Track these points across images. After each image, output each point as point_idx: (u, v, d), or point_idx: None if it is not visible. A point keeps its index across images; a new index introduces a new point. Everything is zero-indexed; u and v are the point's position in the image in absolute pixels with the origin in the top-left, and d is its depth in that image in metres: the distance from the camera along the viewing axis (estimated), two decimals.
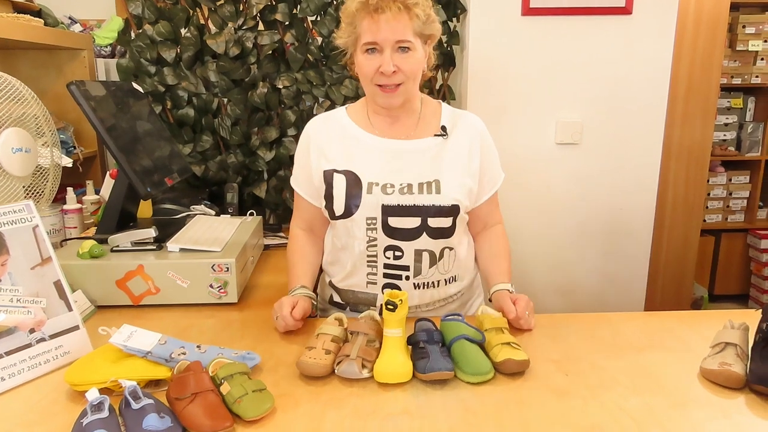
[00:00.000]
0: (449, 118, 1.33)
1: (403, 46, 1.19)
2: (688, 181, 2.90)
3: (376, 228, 1.25)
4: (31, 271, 1.05)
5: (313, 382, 1.00)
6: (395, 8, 1.16)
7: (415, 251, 1.26)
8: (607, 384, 0.99)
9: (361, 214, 1.24)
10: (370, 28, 1.18)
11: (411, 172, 1.26)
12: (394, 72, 1.19)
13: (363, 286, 1.31)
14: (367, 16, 1.18)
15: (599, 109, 2.06)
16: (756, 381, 0.95)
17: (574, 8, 1.96)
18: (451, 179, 1.26)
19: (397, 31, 1.17)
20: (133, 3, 2.01)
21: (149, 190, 1.42)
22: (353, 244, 1.28)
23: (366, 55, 1.21)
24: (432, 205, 1.24)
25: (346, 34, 1.24)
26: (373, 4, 1.17)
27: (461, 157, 1.29)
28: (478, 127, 1.33)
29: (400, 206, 1.24)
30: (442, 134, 1.30)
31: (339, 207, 1.26)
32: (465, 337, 1.05)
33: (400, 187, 1.24)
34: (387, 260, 1.27)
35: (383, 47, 1.18)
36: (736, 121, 3.37)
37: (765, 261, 3.34)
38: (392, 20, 1.16)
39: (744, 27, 3.16)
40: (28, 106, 1.38)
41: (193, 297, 1.33)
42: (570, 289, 2.19)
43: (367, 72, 1.21)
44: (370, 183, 1.25)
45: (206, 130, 2.13)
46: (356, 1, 1.19)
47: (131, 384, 0.88)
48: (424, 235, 1.25)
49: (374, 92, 1.24)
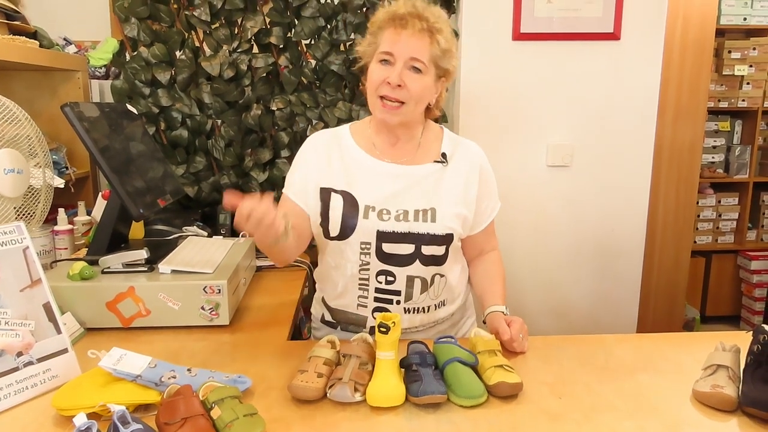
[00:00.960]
0: (450, 145, 1.34)
1: (415, 66, 1.20)
2: (678, 202, 2.93)
3: (370, 253, 1.25)
4: (20, 293, 1.03)
5: (305, 405, 0.99)
6: (419, 26, 1.19)
7: (407, 277, 1.26)
8: (601, 407, 0.99)
9: (356, 237, 1.24)
10: (390, 38, 1.20)
11: (408, 198, 1.26)
12: (399, 86, 1.19)
13: (354, 307, 1.30)
14: (391, 28, 1.20)
15: (589, 132, 2.08)
16: (748, 403, 0.95)
17: (564, 34, 2.00)
18: (446, 208, 1.27)
19: (414, 48, 1.19)
20: (129, 25, 2.03)
21: (141, 211, 1.42)
22: (345, 266, 1.28)
23: (378, 64, 1.22)
24: (426, 233, 1.24)
25: (367, 42, 1.26)
26: (399, 16, 1.19)
27: (458, 185, 1.30)
28: (478, 157, 1.35)
29: (395, 233, 1.23)
30: (442, 161, 1.30)
31: (335, 228, 1.26)
32: (458, 359, 1.05)
33: (396, 214, 1.24)
34: (379, 284, 1.27)
35: (396, 60, 1.19)
36: (723, 143, 3.42)
37: (755, 282, 3.36)
38: (413, 37, 1.19)
39: (730, 52, 3.23)
40: (22, 127, 1.38)
41: (184, 319, 1.32)
42: (563, 311, 2.19)
43: (374, 80, 1.22)
44: (367, 206, 1.25)
45: (200, 152, 2.14)
46: (385, 12, 1.22)
47: (120, 408, 0.86)
48: (417, 262, 1.25)
49: (375, 104, 1.24)
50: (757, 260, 3.36)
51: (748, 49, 3.24)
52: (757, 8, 3.22)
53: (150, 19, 2.04)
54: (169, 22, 2.05)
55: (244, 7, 2.05)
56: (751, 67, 3.27)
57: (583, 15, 1.99)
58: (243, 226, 1.03)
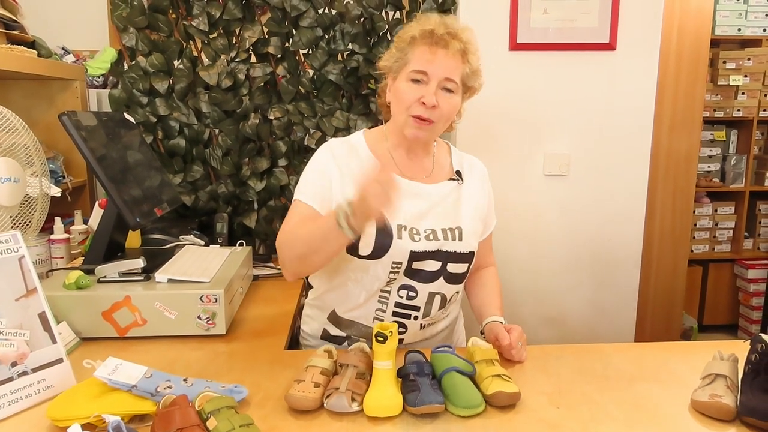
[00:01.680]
0: (459, 161, 1.34)
1: (448, 87, 1.19)
2: (675, 211, 2.94)
3: (399, 270, 1.22)
4: (15, 303, 1.03)
5: (302, 416, 0.98)
6: (456, 47, 1.18)
7: (429, 293, 1.25)
8: (599, 417, 0.99)
9: (389, 257, 1.20)
10: (425, 56, 1.18)
11: (433, 217, 1.25)
12: (433, 106, 1.18)
13: (368, 319, 1.28)
14: (425, 46, 1.18)
15: (586, 142, 2.09)
16: (747, 413, 0.95)
17: (560, 44, 2.01)
18: (470, 226, 1.27)
19: (449, 69, 1.18)
20: (127, 35, 2.04)
21: (138, 220, 1.41)
22: (371, 282, 1.24)
23: (410, 83, 1.19)
24: (455, 252, 1.24)
25: (394, 58, 1.24)
26: (438, 35, 1.17)
27: (474, 203, 1.31)
28: (483, 173, 1.37)
29: (426, 252, 1.21)
30: (457, 179, 1.31)
31: (366, 247, 1.20)
32: (455, 369, 1.04)
33: (425, 234, 1.23)
34: (399, 299, 1.24)
35: (431, 79, 1.18)
36: (719, 153, 3.44)
37: (752, 291, 3.36)
38: (449, 57, 1.18)
39: (725, 62, 3.25)
40: (19, 135, 1.38)
41: (181, 328, 1.31)
42: (560, 320, 2.19)
43: (406, 99, 1.20)
44: (399, 226, 1.21)
45: (197, 161, 2.14)
46: (419, 29, 1.19)
47: (115, 419, 0.85)
48: (440, 279, 1.25)
49: (406, 122, 1.22)
50: (754, 269, 3.37)
51: (743, 60, 3.27)
52: (751, 19, 3.25)
53: (148, 29, 2.05)
54: (168, 32, 2.06)
55: (243, 17, 2.06)
56: (746, 77, 3.29)
57: (579, 25, 2.00)
58: (370, 187, 0.96)
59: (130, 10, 2.01)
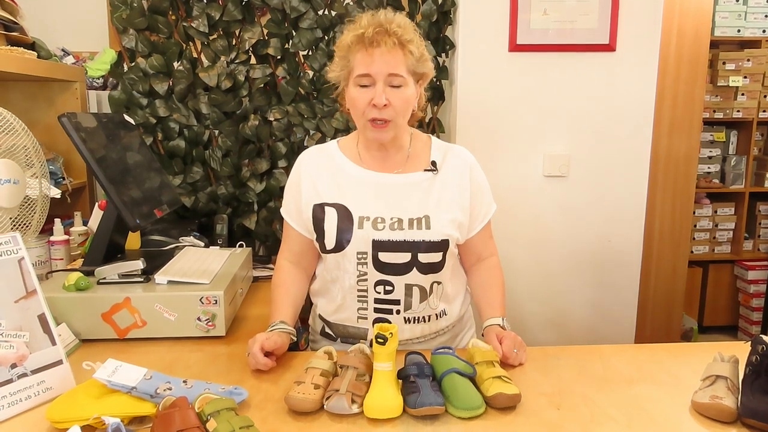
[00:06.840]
0: (439, 152, 1.34)
1: (394, 83, 1.20)
2: (675, 212, 2.94)
3: (367, 263, 1.24)
4: (15, 304, 1.03)
5: (302, 417, 0.98)
6: (390, 43, 1.19)
7: (406, 285, 1.25)
8: (599, 418, 0.98)
9: (352, 248, 1.24)
10: (364, 60, 1.19)
11: (401, 206, 1.27)
12: (385, 105, 1.20)
13: (354, 320, 1.30)
14: (362, 49, 1.20)
15: (586, 142, 2.09)
16: (747, 414, 0.95)
17: (560, 45, 2.02)
18: (440, 214, 1.27)
19: (390, 65, 1.19)
20: (127, 36, 2.04)
21: (138, 222, 1.41)
22: (344, 278, 1.28)
23: (358, 88, 1.22)
24: (422, 241, 1.24)
25: (339, 67, 1.26)
26: (368, 37, 1.18)
27: (451, 191, 1.30)
28: (467, 160, 1.34)
29: (390, 241, 1.23)
30: (432, 169, 1.31)
31: (330, 241, 1.26)
32: (456, 370, 1.04)
33: (391, 223, 1.25)
34: (378, 294, 1.26)
35: (376, 80, 1.20)
36: (719, 154, 3.44)
37: (752, 292, 3.36)
38: (386, 54, 1.18)
39: (724, 63, 3.26)
40: (18, 137, 1.37)
41: (181, 330, 1.31)
42: (560, 321, 2.19)
43: (359, 105, 1.22)
44: (361, 217, 1.25)
45: (197, 162, 2.14)
46: (352, 35, 1.21)
47: (115, 421, 0.85)
48: (414, 270, 1.25)
49: (365, 126, 1.25)
50: (754, 270, 3.37)
51: (743, 61, 3.27)
52: (751, 20, 3.26)
53: (148, 31, 2.05)
54: (167, 34, 2.06)
55: (242, 19, 2.06)
56: (746, 78, 3.29)
57: (578, 27, 2.00)
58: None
59: (130, 11, 2.01)
